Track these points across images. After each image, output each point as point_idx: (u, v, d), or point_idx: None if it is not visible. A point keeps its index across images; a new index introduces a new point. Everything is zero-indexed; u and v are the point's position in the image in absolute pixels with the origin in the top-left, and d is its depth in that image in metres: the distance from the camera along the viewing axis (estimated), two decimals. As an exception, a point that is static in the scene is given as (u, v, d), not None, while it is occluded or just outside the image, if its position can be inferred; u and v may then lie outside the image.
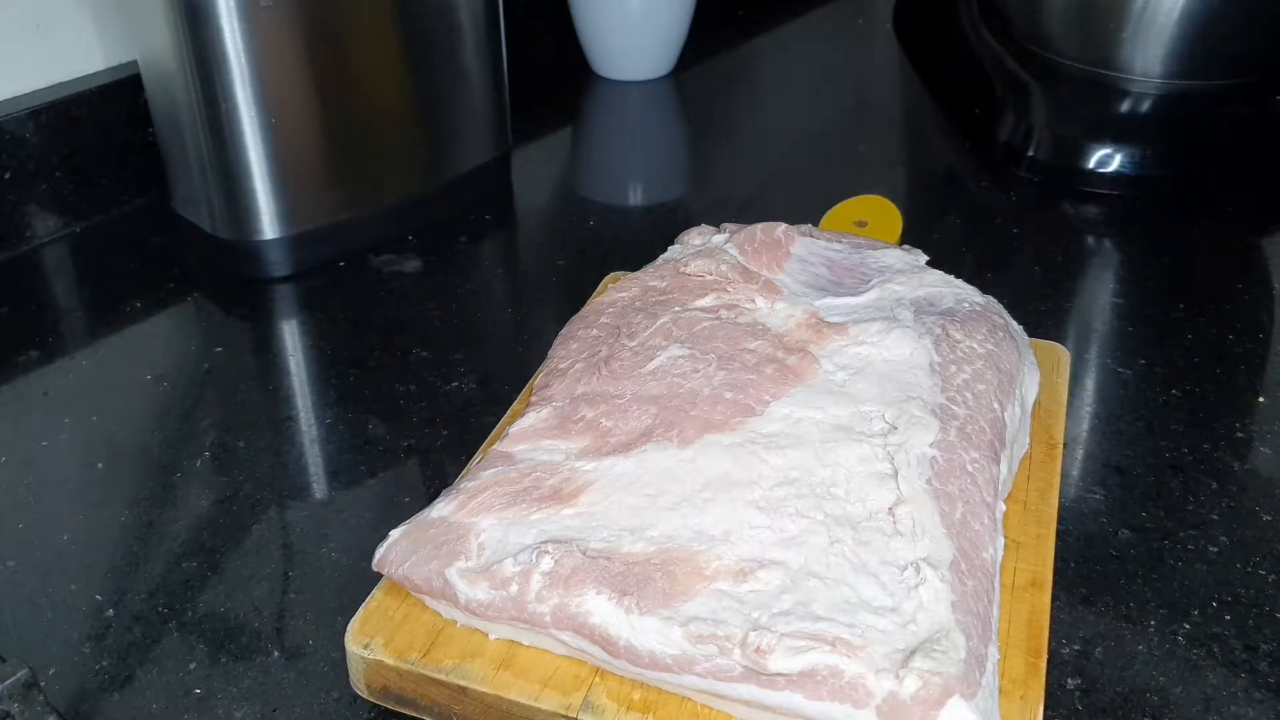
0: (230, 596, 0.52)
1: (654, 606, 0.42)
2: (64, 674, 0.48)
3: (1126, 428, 0.62)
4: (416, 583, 0.45)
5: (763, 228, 0.63)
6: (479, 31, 0.80)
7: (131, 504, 0.57)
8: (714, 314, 0.57)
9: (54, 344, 0.70)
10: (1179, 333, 0.70)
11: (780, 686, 0.40)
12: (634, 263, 0.68)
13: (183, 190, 0.77)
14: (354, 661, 0.45)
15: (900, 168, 0.95)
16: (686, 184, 0.92)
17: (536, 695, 0.43)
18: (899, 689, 0.39)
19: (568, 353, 0.57)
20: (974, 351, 0.54)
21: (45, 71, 0.79)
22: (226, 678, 0.48)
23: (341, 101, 0.74)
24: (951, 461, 0.48)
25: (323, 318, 0.73)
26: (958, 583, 0.43)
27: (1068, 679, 0.48)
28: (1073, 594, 0.52)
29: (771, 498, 0.46)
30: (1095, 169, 0.88)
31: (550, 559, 0.43)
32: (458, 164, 0.84)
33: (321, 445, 0.62)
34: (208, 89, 0.69)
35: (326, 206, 0.76)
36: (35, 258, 0.78)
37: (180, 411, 0.64)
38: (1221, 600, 0.51)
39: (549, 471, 0.49)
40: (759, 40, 1.20)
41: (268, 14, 0.68)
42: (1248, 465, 0.59)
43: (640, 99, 1.06)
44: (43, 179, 0.78)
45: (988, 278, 0.76)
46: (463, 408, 0.64)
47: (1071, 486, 0.58)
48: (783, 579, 0.43)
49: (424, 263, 0.78)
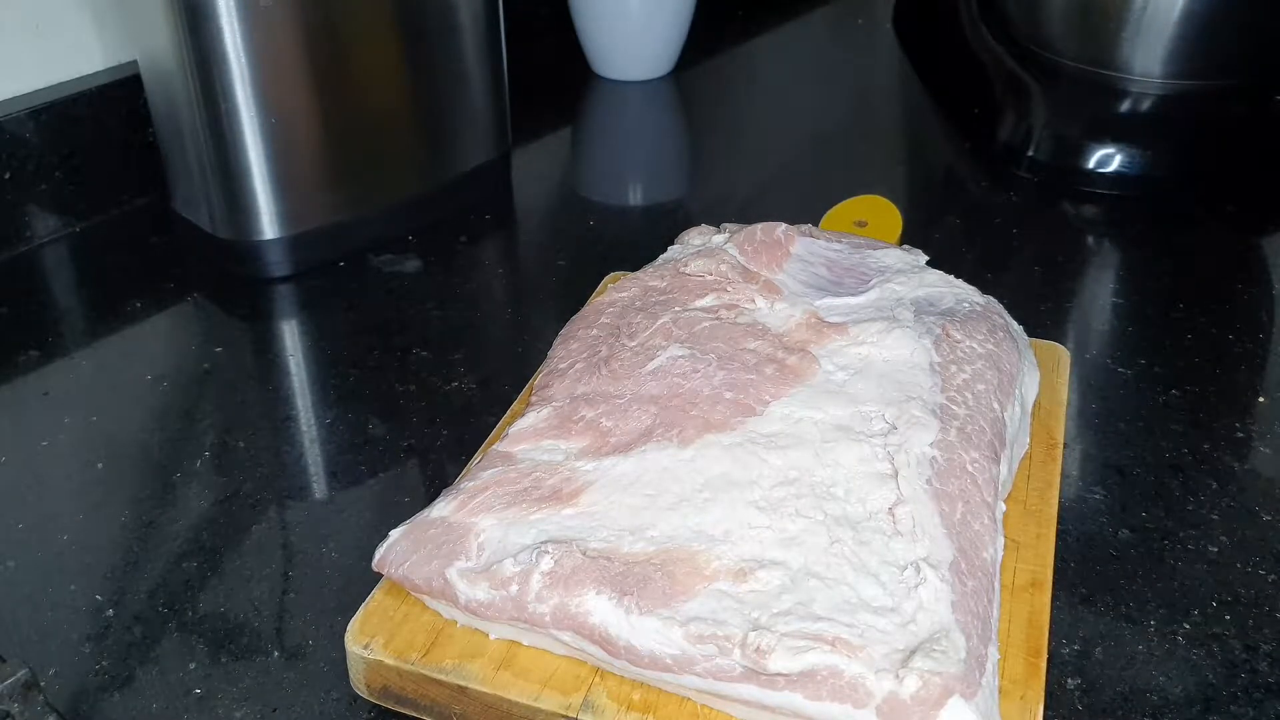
0: (230, 596, 0.52)
1: (654, 606, 0.42)
2: (64, 674, 0.48)
3: (1126, 428, 0.62)
4: (416, 583, 0.45)
5: (763, 228, 0.63)
6: (479, 31, 0.80)
7: (131, 504, 0.57)
8: (714, 314, 0.57)
9: (54, 344, 0.70)
10: (1179, 333, 0.70)
11: (780, 686, 0.40)
12: (634, 263, 0.68)
13: (183, 190, 0.77)
14: (354, 661, 0.45)
15: (900, 168, 0.95)
16: (686, 184, 0.92)
17: (536, 695, 0.43)
18: (899, 689, 0.39)
19: (568, 353, 0.57)
20: (974, 351, 0.54)
21: (45, 71, 0.79)
22: (226, 678, 0.48)
23: (341, 101, 0.74)
24: (951, 461, 0.48)
25: (323, 318, 0.73)
26: (958, 583, 0.43)
27: (1068, 679, 0.48)
28: (1073, 594, 0.52)
29: (771, 498, 0.46)
30: (1095, 169, 0.88)
31: (550, 559, 0.43)
32: (458, 164, 0.84)
33: (321, 445, 0.62)
34: (208, 89, 0.69)
35: (326, 206, 0.76)
36: (35, 258, 0.78)
37: (180, 411, 0.64)
38: (1221, 600, 0.51)
39: (549, 471, 0.49)
40: (759, 40, 1.20)
41: (268, 14, 0.68)
42: (1248, 465, 0.59)
43: (640, 99, 1.06)
44: (43, 179, 0.78)
45: (988, 278, 0.76)
46: (463, 408, 0.64)
47: (1071, 486, 0.58)
48: (783, 579, 0.43)
49: (424, 263, 0.78)
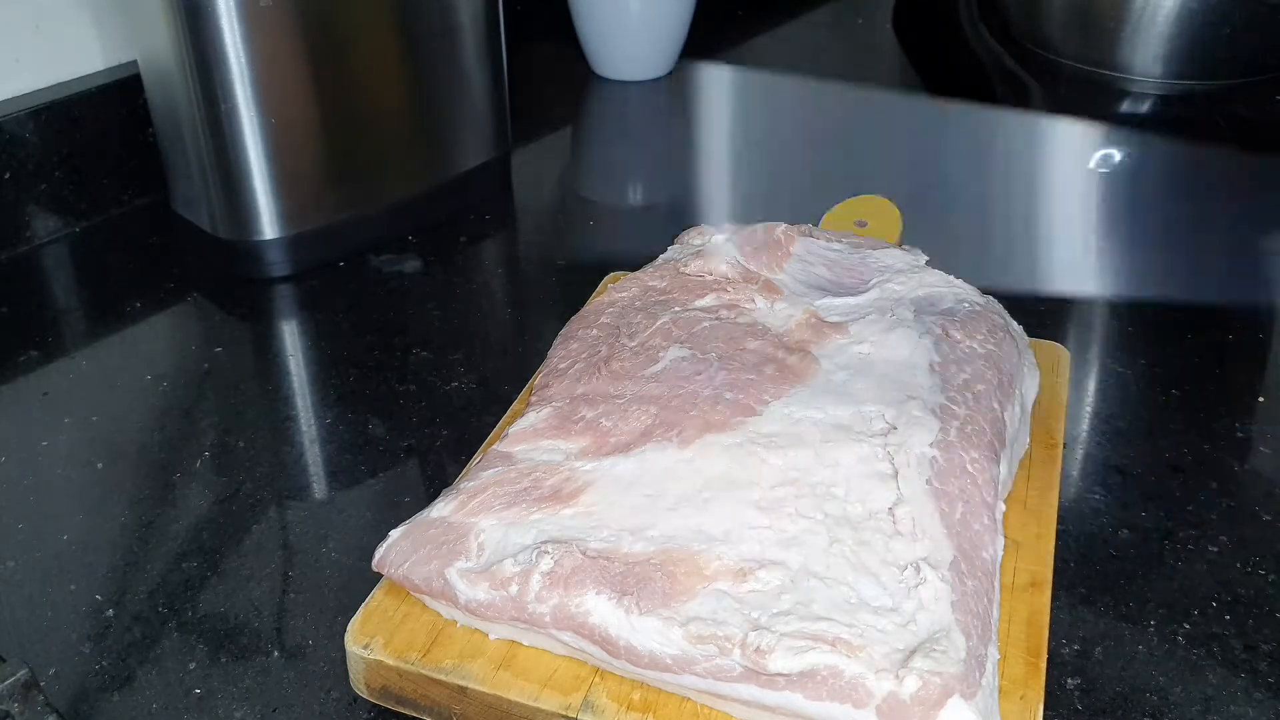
0: (230, 596, 0.52)
1: (654, 606, 0.42)
2: (64, 674, 0.48)
3: (1126, 428, 0.62)
4: (416, 583, 0.45)
5: (763, 228, 0.63)
6: (479, 31, 0.80)
7: (131, 504, 0.57)
8: (714, 314, 0.57)
9: (54, 344, 0.70)
10: (1179, 333, 0.70)
11: (780, 686, 0.40)
12: (634, 263, 0.68)
13: (183, 190, 0.77)
14: (354, 661, 0.45)
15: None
16: (686, 184, 0.92)
17: (536, 695, 0.43)
18: (899, 689, 0.39)
19: (568, 353, 0.57)
20: (974, 351, 0.54)
21: (45, 71, 0.79)
22: (226, 678, 0.48)
23: (341, 101, 0.74)
24: (951, 461, 0.48)
25: (323, 318, 0.73)
26: (958, 583, 0.43)
27: (1068, 679, 0.48)
28: (1073, 594, 0.52)
29: (771, 498, 0.46)
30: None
31: (550, 559, 0.43)
32: (458, 164, 0.84)
33: (321, 445, 0.62)
34: (208, 89, 0.69)
35: (326, 206, 0.76)
36: (35, 258, 0.78)
37: (180, 411, 0.64)
38: (1221, 600, 0.51)
39: (549, 471, 0.49)
40: (759, 40, 1.20)
41: (268, 14, 0.68)
42: (1248, 465, 0.59)
43: (640, 99, 1.06)
44: (43, 179, 0.78)
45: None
46: (463, 408, 0.64)
47: (1071, 486, 0.58)
48: (783, 579, 0.43)
49: (424, 263, 0.78)
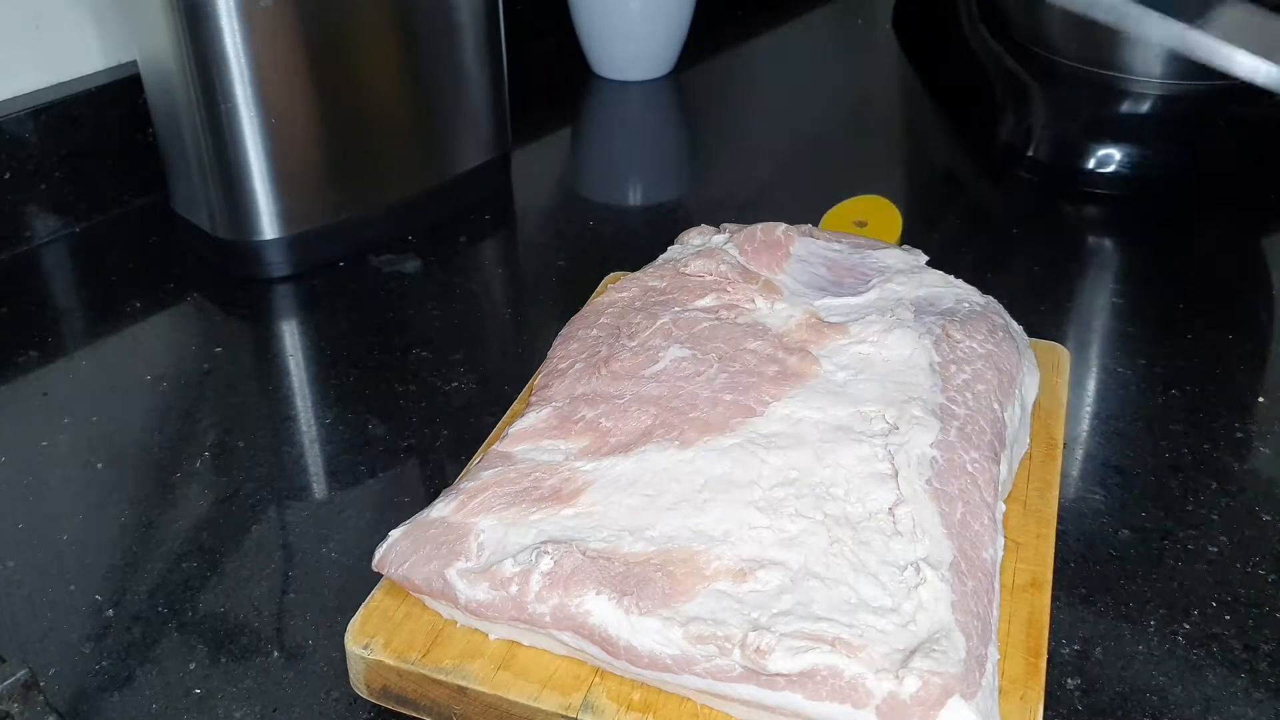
0: (230, 596, 0.52)
1: (654, 607, 0.42)
2: (64, 674, 0.48)
3: (1126, 428, 0.62)
4: (416, 583, 0.45)
5: (763, 228, 0.63)
6: (479, 31, 0.80)
7: (131, 504, 0.57)
8: (714, 314, 0.57)
9: (54, 344, 0.70)
10: (1179, 333, 0.70)
11: (780, 686, 0.40)
12: (634, 263, 0.68)
13: (183, 190, 0.77)
14: (354, 661, 0.45)
15: (900, 168, 0.95)
16: (686, 184, 0.92)
17: (536, 695, 0.43)
18: (899, 689, 0.39)
19: (568, 353, 0.57)
20: (974, 352, 0.54)
21: (45, 71, 0.79)
22: (226, 678, 0.48)
23: (341, 101, 0.74)
24: (951, 461, 0.48)
25: (323, 318, 0.73)
26: (958, 583, 0.43)
27: (1068, 679, 0.48)
28: (1073, 594, 0.52)
29: (771, 498, 0.46)
30: (1095, 169, 0.88)
31: (550, 559, 0.43)
32: (458, 164, 0.84)
33: (321, 445, 0.62)
34: (208, 89, 0.69)
35: (326, 206, 0.76)
36: (35, 258, 0.78)
37: (180, 411, 0.64)
38: (1221, 600, 0.51)
39: (549, 472, 0.49)
40: (759, 40, 1.20)
41: (268, 14, 0.68)
42: (1248, 465, 0.59)
43: (640, 99, 1.06)
44: (43, 179, 0.78)
45: (988, 278, 0.76)
46: (463, 408, 0.64)
47: (1071, 486, 0.58)
48: (782, 579, 0.43)
49: (424, 263, 0.78)
